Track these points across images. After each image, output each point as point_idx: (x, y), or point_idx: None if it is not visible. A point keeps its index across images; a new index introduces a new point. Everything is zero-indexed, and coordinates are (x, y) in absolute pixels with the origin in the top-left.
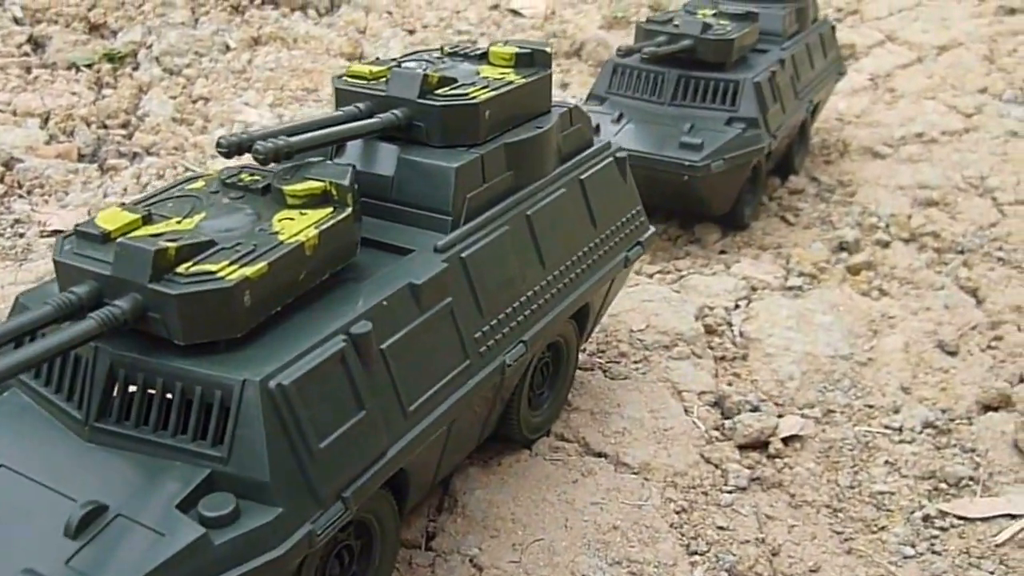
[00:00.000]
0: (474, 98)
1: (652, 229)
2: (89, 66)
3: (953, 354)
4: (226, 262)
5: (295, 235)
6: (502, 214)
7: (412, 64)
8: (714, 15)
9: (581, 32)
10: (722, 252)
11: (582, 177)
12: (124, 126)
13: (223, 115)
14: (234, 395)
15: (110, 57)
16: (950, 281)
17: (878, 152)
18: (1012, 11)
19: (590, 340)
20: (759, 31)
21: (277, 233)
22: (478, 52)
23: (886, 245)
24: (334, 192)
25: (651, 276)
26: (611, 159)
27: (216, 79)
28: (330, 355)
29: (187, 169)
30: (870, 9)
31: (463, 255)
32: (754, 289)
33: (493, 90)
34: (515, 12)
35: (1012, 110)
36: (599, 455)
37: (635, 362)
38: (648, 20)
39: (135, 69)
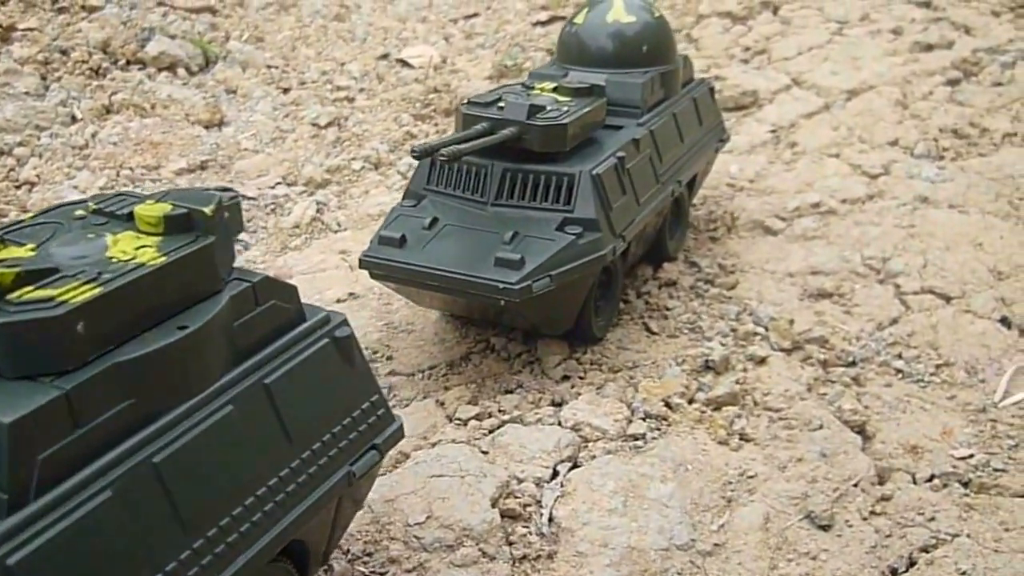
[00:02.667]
0: (60, 304)
1: (397, 422)
2: None
3: (826, 528)
4: None
5: None
6: (106, 472)
7: (30, 232)
8: (554, 89)
9: (466, 84)
10: (564, 378)
11: (268, 380)
12: None
13: (46, 203)
14: None
15: None
16: (831, 414)
17: (769, 227)
18: (929, 47)
19: (356, 539)
20: (616, 103)
21: None
22: (127, 210)
23: (762, 361)
24: None
25: (465, 423)
26: (327, 341)
27: (51, 158)
28: None
29: None
30: (779, 49)
31: (10, 562)
32: (585, 442)
33: (102, 284)
34: (404, 63)
35: (923, 168)
36: None
37: (407, 572)
38: (469, 102)
39: None
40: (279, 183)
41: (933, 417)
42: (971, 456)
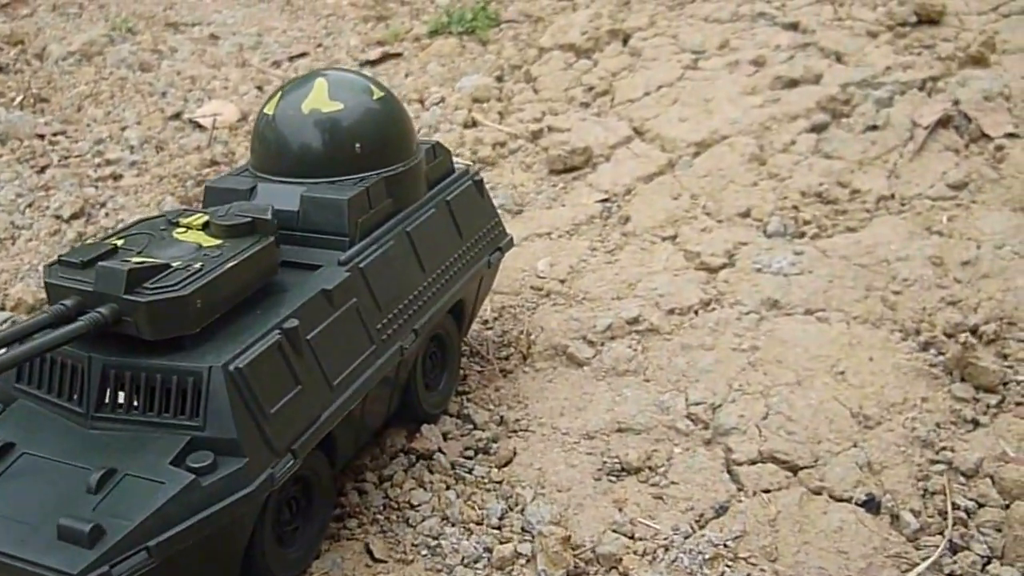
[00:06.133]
0: None
1: None
2: None
3: None
4: None
5: None
6: None
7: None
8: (204, 226)
9: None
10: None
11: None
12: None
13: None
14: None
15: None
16: None
17: (574, 355)
18: (793, 83)
19: None
20: (314, 229)
21: None
22: None
23: None
24: None
25: None
26: None
27: None
28: None
29: None
30: (624, 88)
31: None
32: None
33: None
34: (197, 124)
35: (776, 253)
36: None
37: None
38: (60, 260)
39: None
40: None
41: None
42: None
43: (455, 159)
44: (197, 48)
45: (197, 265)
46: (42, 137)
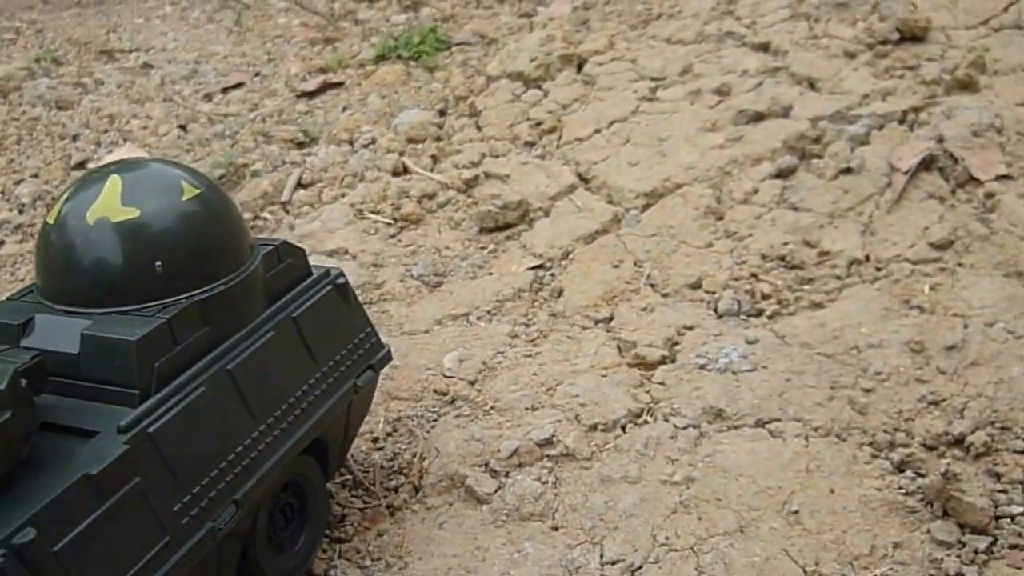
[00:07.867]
0: None
1: None
2: None
3: None
4: None
5: None
6: None
7: None
8: None
9: None
10: None
11: None
12: None
13: None
14: None
15: None
16: None
17: (472, 489)
18: (759, 117)
19: None
20: (95, 379)
21: None
22: None
23: None
24: None
25: None
26: None
27: None
28: None
29: None
30: (572, 124)
31: None
32: None
33: None
34: None
35: (725, 341)
36: None
37: None
38: None
39: None
40: None
41: None
42: None
43: (375, 216)
44: (125, 80)
45: None
46: None
